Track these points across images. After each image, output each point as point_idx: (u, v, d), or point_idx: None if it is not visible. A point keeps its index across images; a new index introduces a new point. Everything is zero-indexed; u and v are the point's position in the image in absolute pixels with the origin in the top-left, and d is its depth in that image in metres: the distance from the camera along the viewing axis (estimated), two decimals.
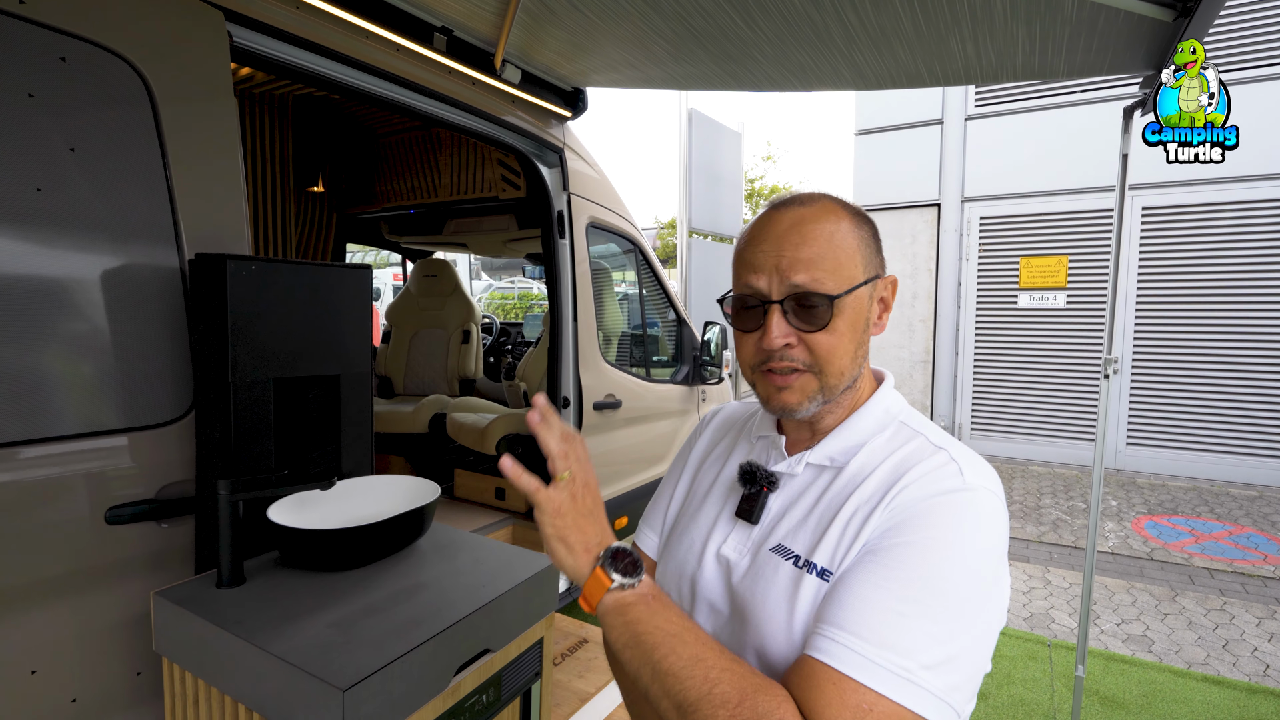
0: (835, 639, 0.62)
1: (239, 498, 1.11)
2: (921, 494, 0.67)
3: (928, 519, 0.65)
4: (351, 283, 1.42)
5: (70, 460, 1.11)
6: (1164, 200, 5.97)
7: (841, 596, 0.64)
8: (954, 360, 7.05)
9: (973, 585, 0.63)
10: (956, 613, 0.61)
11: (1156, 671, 2.86)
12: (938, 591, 0.62)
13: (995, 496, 0.68)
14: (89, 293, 1.13)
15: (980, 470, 0.70)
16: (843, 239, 0.73)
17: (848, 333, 0.73)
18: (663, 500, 0.96)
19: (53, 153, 1.10)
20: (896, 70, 1.80)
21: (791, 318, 0.72)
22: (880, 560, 0.64)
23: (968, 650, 0.61)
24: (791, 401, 0.74)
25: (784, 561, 0.72)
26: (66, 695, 1.11)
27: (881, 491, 0.69)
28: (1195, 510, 5.13)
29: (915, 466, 0.70)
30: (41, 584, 1.08)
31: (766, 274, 0.73)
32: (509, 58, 2.09)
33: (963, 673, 0.61)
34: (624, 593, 0.66)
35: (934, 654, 0.59)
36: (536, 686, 1.26)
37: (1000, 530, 0.67)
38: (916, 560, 0.63)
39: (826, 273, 0.71)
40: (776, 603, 0.70)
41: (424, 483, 1.38)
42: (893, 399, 0.80)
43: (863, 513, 0.69)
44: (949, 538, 0.64)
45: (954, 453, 0.72)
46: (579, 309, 2.61)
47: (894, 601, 0.61)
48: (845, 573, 0.66)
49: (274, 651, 0.92)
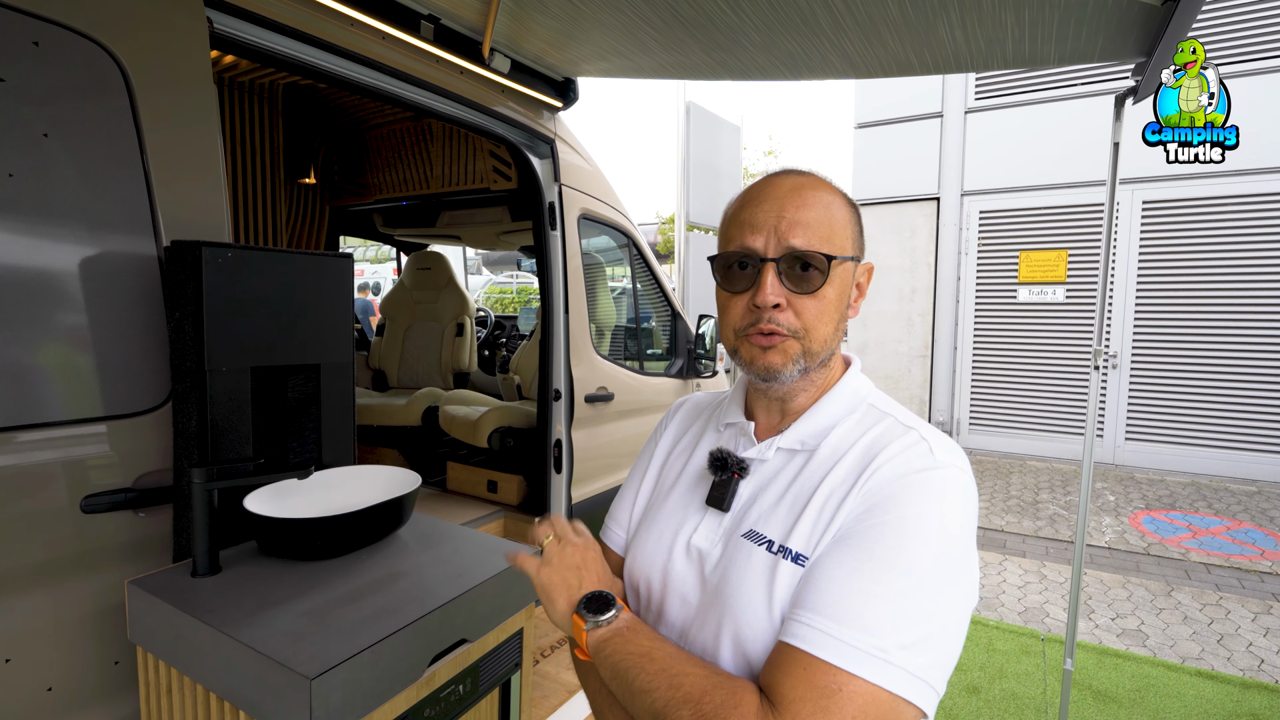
0: (808, 623, 0.61)
1: (214, 486, 1.10)
2: (894, 474, 0.67)
3: (900, 498, 0.65)
4: (332, 271, 1.41)
5: (45, 448, 1.10)
6: (1164, 194, 5.93)
7: (816, 580, 0.64)
8: (952, 355, 7.03)
9: (947, 562, 0.63)
10: (931, 590, 0.61)
11: (1150, 666, 2.86)
12: (912, 570, 0.61)
13: (965, 474, 0.68)
14: (64, 280, 1.12)
15: (949, 448, 0.70)
16: (838, 211, 0.75)
17: (835, 302, 0.74)
18: (629, 494, 0.95)
19: (25, 139, 1.09)
20: (886, 58, 1.78)
21: (785, 280, 0.73)
22: (854, 543, 0.64)
23: (944, 628, 0.61)
24: (776, 363, 0.73)
25: (757, 547, 0.71)
26: (42, 684, 1.11)
27: (855, 474, 0.69)
28: (1193, 505, 5.12)
29: (887, 447, 0.70)
30: (16, 572, 1.08)
31: (764, 234, 0.73)
32: (497, 46, 2.08)
33: (939, 650, 0.61)
34: (599, 630, 0.70)
35: (910, 633, 0.59)
36: (516, 678, 1.25)
37: (971, 508, 0.67)
38: (890, 540, 0.63)
39: (823, 239, 0.73)
40: (753, 590, 0.69)
41: (405, 473, 1.37)
42: (861, 381, 0.81)
43: (837, 496, 0.69)
44: (922, 515, 0.64)
45: (923, 432, 0.72)
46: (570, 301, 2.60)
47: (868, 583, 0.61)
48: (820, 557, 0.66)
49: (244, 640, 0.91)
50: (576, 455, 2.67)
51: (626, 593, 0.87)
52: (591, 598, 0.73)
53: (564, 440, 2.60)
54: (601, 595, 0.73)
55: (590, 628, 0.70)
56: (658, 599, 0.80)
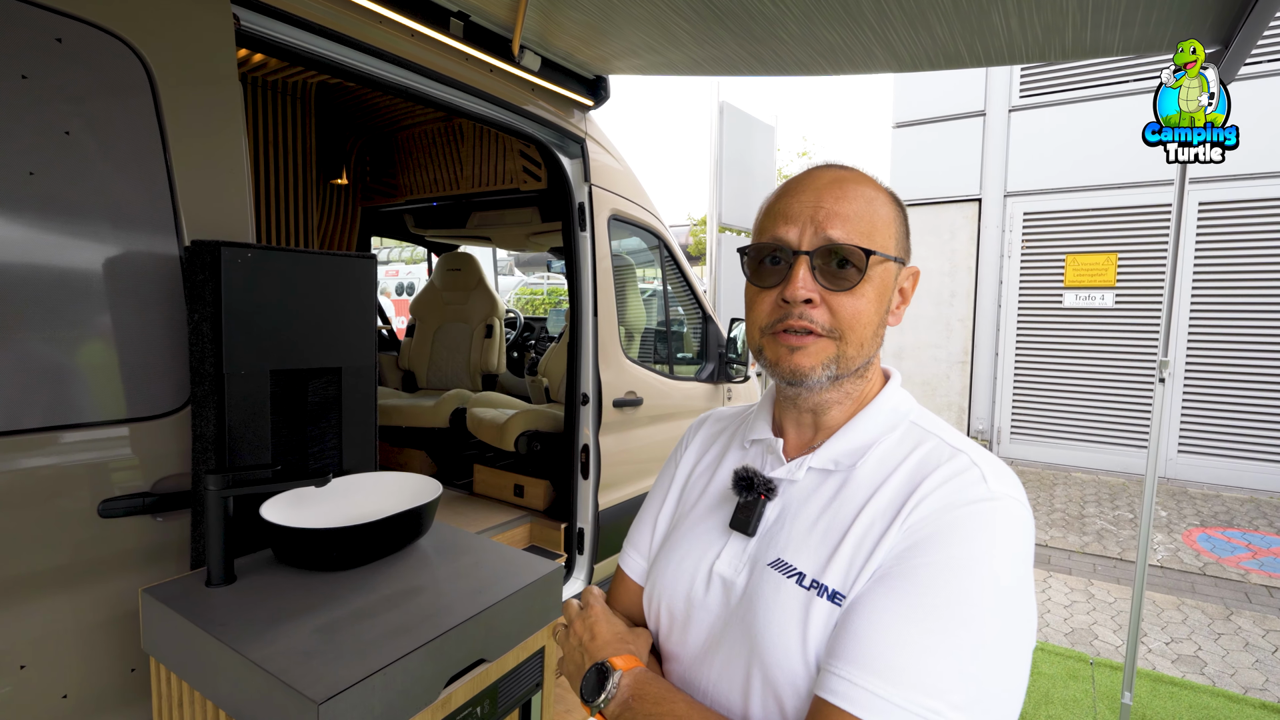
0: (849, 678, 0.55)
1: (229, 494, 1.07)
2: (943, 505, 0.60)
3: (951, 535, 0.58)
4: (354, 272, 1.38)
5: (62, 451, 1.08)
6: (1222, 195, 5.64)
7: (857, 628, 0.57)
8: (993, 361, 6.79)
9: (1004, 608, 0.55)
10: (987, 641, 0.54)
11: (1209, 695, 2.68)
12: (967, 619, 0.54)
13: (1022, 506, 0.61)
14: (84, 280, 1.10)
15: (1004, 476, 0.62)
16: (880, 207, 0.70)
17: (874, 303, 0.68)
18: (648, 518, 0.89)
19: (47, 136, 1.07)
20: (934, 50, 1.68)
21: (819, 275, 0.67)
22: (899, 585, 0.57)
23: (1002, 683, 0.54)
24: (804, 364, 0.67)
25: (786, 580, 0.65)
26: (57, 691, 1.09)
27: (898, 503, 0.62)
28: (1252, 523, 4.84)
29: (934, 473, 0.63)
30: (32, 577, 1.06)
31: (799, 225, 0.67)
32: (527, 43, 2.03)
33: (998, 710, 0.53)
34: (610, 708, 0.67)
35: (966, 691, 0.52)
36: (537, 698, 1.20)
37: (1029, 545, 0.60)
38: (940, 583, 0.56)
39: (863, 234, 0.67)
40: (782, 629, 0.62)
41: (426, 480, 1.33)
42: (901, 396, 0.74)
43: (878, 528, 0.62)
44: (976, 556, 0.57)
45: (974, 456, 0.64)
46: (600, 303, 2.55)
47: (916, 633, 0.54)
48: (859, 599, 0.59)
49: (253, 657, 0.88)
50: (604, 461, 2.62)
51: (648, 623, 0.81)
52: (588, 674, 0.71)
53: (591, 445, 2.55)
54: (598, 669, 0.70)
55: (596, 711, 0.68)
56: (679, 630, 0.75)
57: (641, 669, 0.69)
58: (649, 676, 0.68)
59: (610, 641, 0.75)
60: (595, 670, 0.70)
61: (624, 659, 0.71)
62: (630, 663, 0.70)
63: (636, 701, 0.65)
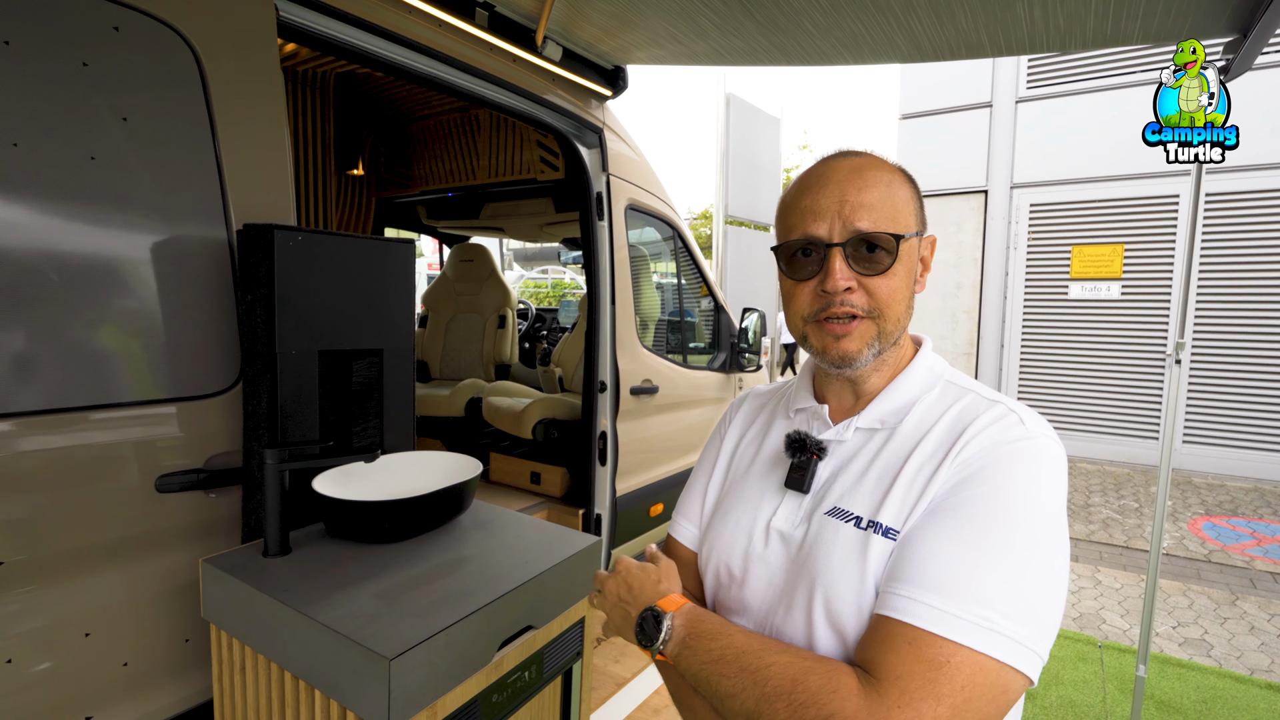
0: (910, 596, 0.60)
1: (285, 468, 1.11)
2: (988, 444, 0.66)
3: (998, 468, 0.64)
4: (396, 257, 1.41)
5: (120, 427, 1.12)
6: (1227, 185, 5.66)
7: (915, 552, 0.63)
8: (999, 353, 6.83)
9: (1047, 532, 0.62)
10: (1033, 560, 0.60)
11: (1216, 677, 2.73)
12: (1015, 540, 0.60)
13: (1057, 444, 0.68)
14: (139, 263, 1.14)
15: (1038, 420, 0.70)
16: (899, 189, 0.74)
17: (905, 280, 0.73)
18: (697, 488, 0.93)
19: (106, 122, 1.10)
20: (956, 39, 1.71)
21: (852, 263, 0.72)
22: (952, 514, 0.63)
23: (1046, 597, 0.60)
24: (851, 349, 0.73)
25: (843, 524, 0.70)
26: (118, 659, 1.13)
27: (945, 446, 0.68)
28: (1257, 512, 4.89)
29: (976, 419, 0.69)
30: (94, 549, 1.10)
31: (828, 219, 0.72)
32: (550, 34, 2.06)
33: (1043, 619, 0.59)
34: (669, 648, 0.70)
35: (1015, 602, 0.58)
36: (578, 667, 1.24)
37: (1064, 478, 0.67)
38: (990, 510, 0.62)
39: (888, 219, 0.72)
40: (843, 564, 0.67)
41: (466, 459, 1.37)
42: (935, 359, 0.80)
43: (928, 469, 0.68)
44: (1022, 484, 0.63)
45: (1010, 405, 0.71)
46: (617, 292, 2.58)
47: (970, 553, 0.60)
48: (914, 529, 0.65)
49: (321, 620, 0.92)
50: (621, 448, 2.66)
51: (704, 581, 0.85)
52: (641, 621, 0.74)
53: (609, 432, 2.58)
54: (652, 614, 0.73)
55: (656, 652, 0.72)
56: (737, 586, 0.79)
57: (690, 606, 0.73)
58: (700, 613, 0.72)
59: (648, 586, 0.78)
60: (650, 615, 0.74)
61: (668, 600, 0.75)
62: (676, 602, 0.74)
63: (694, 639, 0.68)
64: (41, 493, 1.04)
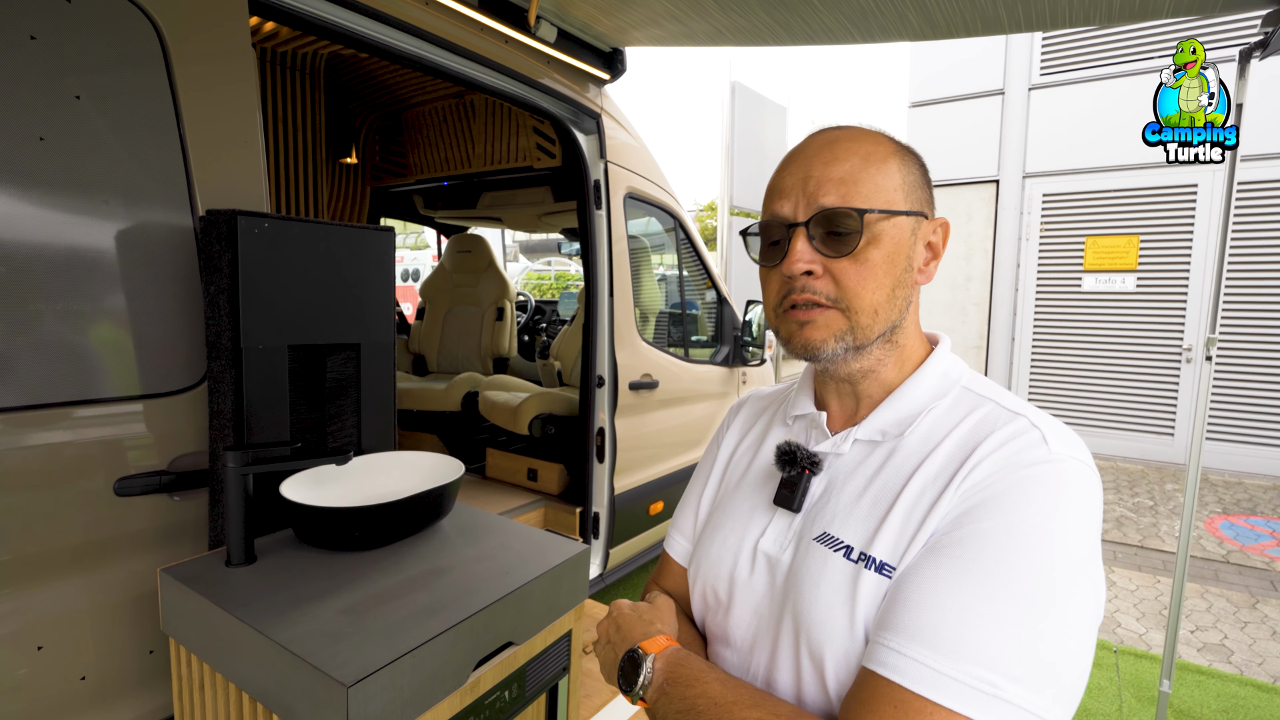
0: (898, 649, 0.51)
1: (249, 471, 1.03)
2: (1001, 468, 0.56)
3: (1010, 499, 0.54)
4: (373, 246, 1.33)
5: (76, 427, 1.05)
6: (1253, 174, 5.50)
7: (908, 597, 0.53)
8: (1010, 347, 6.70)
9: (1067, 576, 0.51)
10: (1048, 611, 0.50)
11: (1238, 685, 2.63)
12: (1026, 587, 0.50)
13: (1087, 467, 0.56)
14: (96, 251, 1.06)
15: (1067, 438, 0.58)
16: (881, 161, 0.64)
17: (882, 265, 0.63)
18: (692, 500, 0.86)
19: (57, 100, 1.03)
20: (971, 13, 1.61)
21: (816, 243, 0.63)
22: (953, 553, 0.53)
23: (1064, 656, 0.50)
24: (815, 339, 0.63)
25: (833, 554, 0.61)
26: (75, 672, 1.07)
27: (952, 468, 0.58)
28: (1276, 511, 4.76)
29: (990, 436, 0.58)
30: (48, 556, 1.03)
31: (792, 198, 0.64)
32: (543, 13, 1.97)
33: (1060, 684, 0.49)
34: (648, 694, 0.64)
35: (1025, 664, 0.48)
36: (564, 682, 1.16)
37: (1096, 508, 0.55)
38: (998, 550, 0.52)
39: (860, 194, 0.62)
40: (830, 604, 0.59)
41: (447, 460, 1.29)
42: (951, 361, 0.69)
43: (930, 495, 0.58)
44: (1037, 521, 0.52)
45: (1033, 418, 0.60)
46: (615, 284, 2.50)
47: (972, 601, 0.50)
48: (910, 568, 0.55)
49: (278, 639, 0.84)
50: (620, 445, 2.58)
51: (693, 603, 0.78)
52: (622, 664, 0.68)
53: (607, 428, 2.51)
54: (630, 656, 0.67)
55: (636, 698, 0.66)
56: (723, 611, 0.72)
57: (673, 649, 0.66)
58: (680, 656, 0.65)
59: (635, 626, 0.72)
60: (627, 658, 0.67)
61: (652, 641, 0.68)
62: (659, 644, 0.67)
63: (671, 685, 0.62)
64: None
